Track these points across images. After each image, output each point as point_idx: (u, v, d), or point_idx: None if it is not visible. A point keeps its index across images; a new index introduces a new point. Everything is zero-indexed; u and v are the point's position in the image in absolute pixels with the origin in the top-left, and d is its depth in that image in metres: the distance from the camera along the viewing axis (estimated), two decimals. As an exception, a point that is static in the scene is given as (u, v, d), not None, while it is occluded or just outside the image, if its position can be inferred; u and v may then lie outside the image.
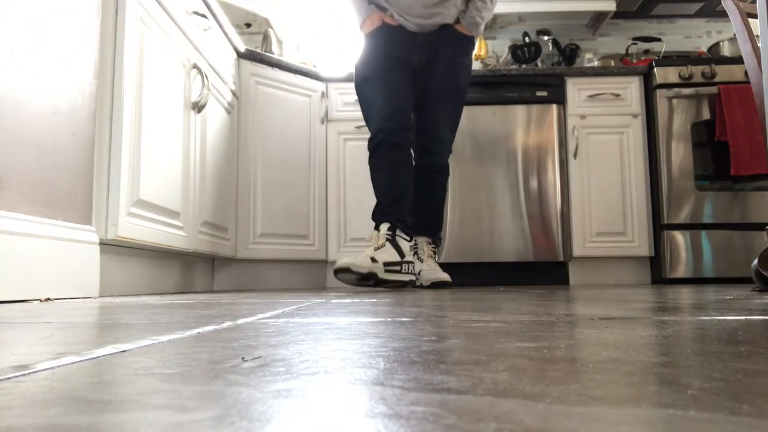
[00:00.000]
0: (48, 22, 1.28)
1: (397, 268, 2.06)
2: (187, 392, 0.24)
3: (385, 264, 2.02)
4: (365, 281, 1.98)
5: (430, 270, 2.23)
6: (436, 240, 2.36)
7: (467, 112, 2.79)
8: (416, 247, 2.31)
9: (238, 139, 2.53)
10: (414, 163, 2.27)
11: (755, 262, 1.46)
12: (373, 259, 1.99)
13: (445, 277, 2.22)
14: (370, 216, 2.20)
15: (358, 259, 1.97)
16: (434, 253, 2.33)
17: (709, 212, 2.73)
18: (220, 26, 2.30)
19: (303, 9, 3.51)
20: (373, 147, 2.18)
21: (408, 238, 2.15)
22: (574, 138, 2.86)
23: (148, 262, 1.80)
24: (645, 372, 0.28)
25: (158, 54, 1.72)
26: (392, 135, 2.15)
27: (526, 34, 3.41)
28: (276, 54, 3.12)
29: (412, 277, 2.13)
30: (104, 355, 0.36)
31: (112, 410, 0.21)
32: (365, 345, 0.40)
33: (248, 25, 3.41)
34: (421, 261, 2.28)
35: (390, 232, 2.09)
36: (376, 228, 2.12)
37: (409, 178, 2.19)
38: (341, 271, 1.94)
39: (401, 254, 2.09)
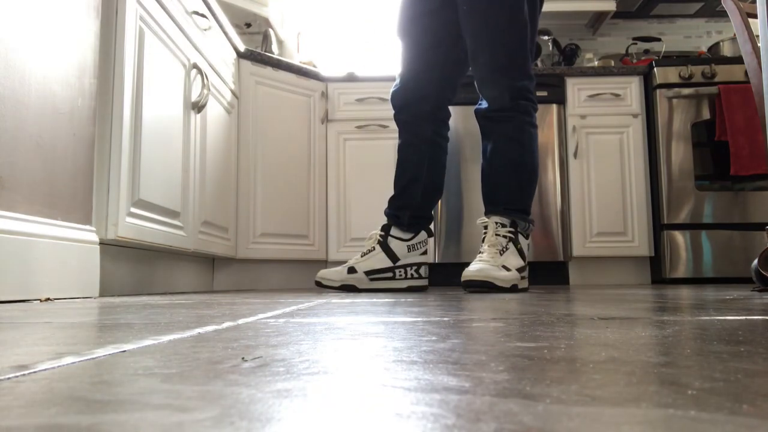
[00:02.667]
0: (48, 22, 1.28)
1: (388, 275, 1.77)
2: (187, 392, 0.24)
3: (369, 273, 1.75)
4: (347, 291, 1.74)
5: (476, 263, 1.62)
6: (513, 220, 1.72)
7: (465, 111, 2.79)
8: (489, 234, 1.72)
9: (238, 139, 2.53)
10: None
11: (755, 262, 1.46)
12: (352, 270, 1.74)
13: (485, 275, 1.55)
14: (382, 213, 2.05)
15: (334, 270, 1.75)
16: (510, 238, 1.69)
17: (709, 212, 2.73)
18: (220, 26, 2.30)
19: (303, 9, 3.51)
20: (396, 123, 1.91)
21: (405, 237, 1.80)
22: (574, 138, 2.86)
23: (148, 262, 1.80)
24: (645, 372, 0.28)
25: (158, 54, 1.72)
26: (400, 113, 1.85)
27: (526, 34, 3.41)
28: (276, 54, 3.12)
29: (415, 282, 1.80)
30: (104, 355, 0.36)
31: (112, 410, 0.21)
32: (365, 345, 0.40)
33: (248, 25, 3.41)
34: (481, 251, 1.69)
35: (382, 232, 1.81)
36: None
37: (422, 163, 1.83)
38: (317, 284, 1.76)
39: (394, 258, 1.78)
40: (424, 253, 1.84)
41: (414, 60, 1.82)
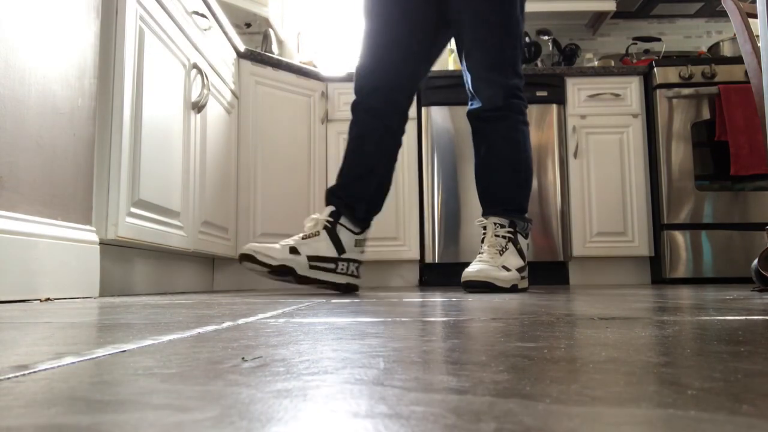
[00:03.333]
0: (48, 22, 1.28)
1: (331, 266, 1.58)
2: (187, 392, 0.24)
3: (312, 258, 1.55)
4: (280, 276, 1.52)
5: (476, 263, 1.60)
6: (511, 220, 1.70)
7: (460, 111, 2.78)
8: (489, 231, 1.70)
9: (238, 139, 2.53)
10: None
11: (755, 262, 1.46)
12: (294, 250, 1.52)
13: (485, 275, 1.54)
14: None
15: (272, 247, 1.52)
16: (509, 238, 1.68)
17: (709, 212, 2.73)
18: (220, 26, 2.30)
19: (303, 9, 3.51)
20: (352, 108, 1.73)
21: (355, 230, 1.64)
22: (574, 138, 2.86)
23: (147, 262, 1.80)
24: (645, 372, 0.28)
25: (158, 54, 1.72)
26: (369, 97, 1.69)
27: (526, 34, 3.41)
28: (276, 54, 3.12)
29: (353, 280, 1.64)
30: (104, 355, 0.36)
31: (112, 410, 0.21)
32: (365, 345, 0.40)
33: (248, 25, 3.41)
34: (481, 252, 1.68)
35: (331, 219, 1.61)
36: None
37: (383, 155, 1.71)
38: (246, 259, 1.50)
39: (340, 249, 1.60)
40: (363, 252, 1.73)
41: (388, 45, 1.70)
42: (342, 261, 1.60)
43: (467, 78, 1.76)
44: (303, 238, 1.57)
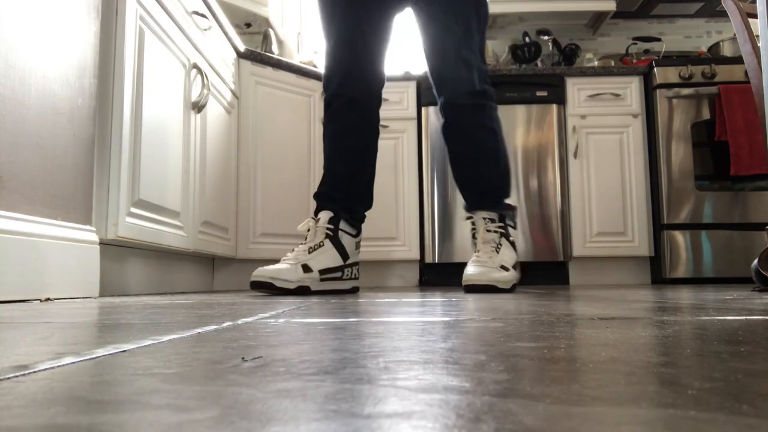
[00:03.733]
0: (48, 22, 1.28)
1: (338, 274, 1.58)
2: (187, 392, 0.24)
3: (323, 272, 1.53)
4: (295, 295, 1.46)
5: (475, 265, 1.57)
6: (499, 212, 1.69)
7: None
8: (474, 229, 1.70)
9: (238, 139, 2.53)
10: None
11: (755, 262, 1.46)
12: (306, 268, 1.50)
13: (487, 278, 1.51)
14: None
15: (285, 268, 1.47)
16: (501, 232, 1.66)
17: (709, 212, 2.73)
18: (220, 26, 2.30)
19: (303, 9, 3.51)
20: (325, 105, 1.69)
21: (353, 233, 1.64)
22: (574, 138, 2.86)
23: (148, 262, 1.80)
24: (645, 372, 0.28)
25: (158, 54, 1.72)
26: (344, 88, 1.64)
27: (526, 34, 3.42)
28: (276, 54, 3.12)
29: (356, 283, 1.66)
30: (104, 355, 0.36)
31: (112, 410, 0.21)
32: (365, 345, 0.40)
33: (248, 25, 3.41)
34: (477, 251, 1.65)
35: (331, 225, 1.59)
36: (316, 213, 1.64)
37: (368, 149, 1.69)
38: (261, 286, 1.45)
39: (344, 255, 1.59)
40: (359, 251, 1.73)
41: (361, 35, 1.66)
42: (347, 267, 1.61)
43: (440, 66, 1.68)
44: (309, 251, 1.55)
